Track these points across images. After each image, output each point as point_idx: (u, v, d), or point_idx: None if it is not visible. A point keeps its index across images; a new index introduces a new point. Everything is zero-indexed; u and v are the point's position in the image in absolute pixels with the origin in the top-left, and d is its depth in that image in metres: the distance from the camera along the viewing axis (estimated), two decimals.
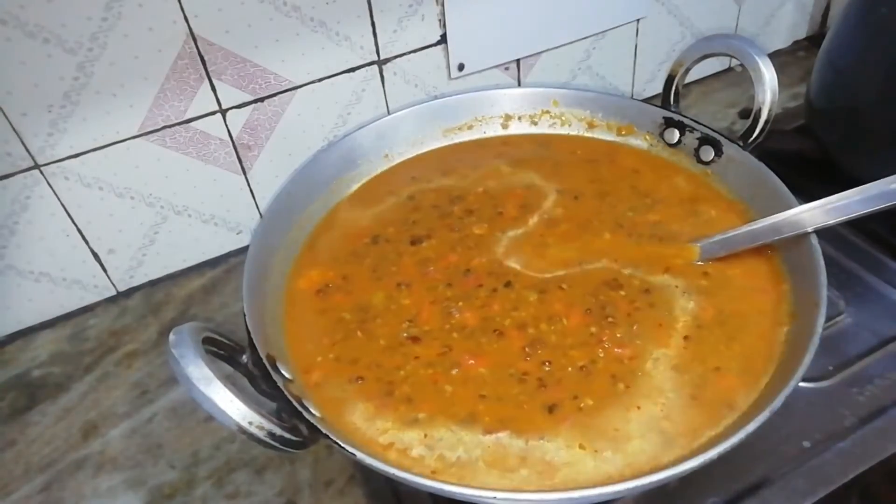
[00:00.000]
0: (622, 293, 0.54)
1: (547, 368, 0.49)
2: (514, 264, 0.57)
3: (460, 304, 0.54)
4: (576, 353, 0.50)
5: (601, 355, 0.50)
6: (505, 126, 0.71)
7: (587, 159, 0.67)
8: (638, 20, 0.79)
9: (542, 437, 0.46)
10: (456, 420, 0.47)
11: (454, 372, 0.50)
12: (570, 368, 0.49)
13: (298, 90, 0.66)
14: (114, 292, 0.69)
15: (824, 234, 0.51)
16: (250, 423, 0.39)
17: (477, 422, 0.47)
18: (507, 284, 0.56)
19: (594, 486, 0.41)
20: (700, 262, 0.56)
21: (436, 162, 0.68)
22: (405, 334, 0.53)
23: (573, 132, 0.70)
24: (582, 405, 0.47)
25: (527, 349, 0.51)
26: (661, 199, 0.62)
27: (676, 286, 0.54)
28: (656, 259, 0.57)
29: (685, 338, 0.51)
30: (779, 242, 0.54)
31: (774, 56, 0.87)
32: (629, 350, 0.50)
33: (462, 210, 0.63)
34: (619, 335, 0.51)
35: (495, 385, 0.49)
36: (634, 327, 0.52)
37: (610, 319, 0.52)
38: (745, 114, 0.81)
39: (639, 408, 0.47)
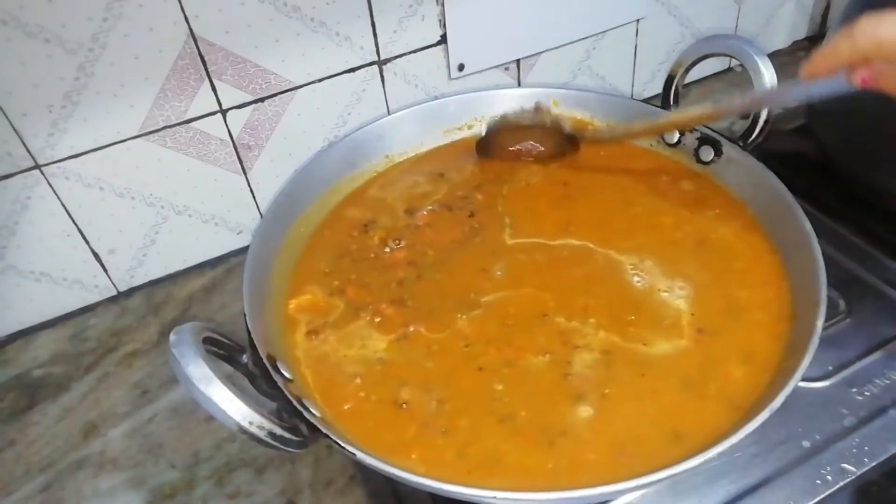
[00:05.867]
0: (618, 292, 0.54)
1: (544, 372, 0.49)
2: (512, 260, 0.57)
3: (448, 299, 0.54)
4: (578, 353, 0.50)
5: (601, 355, 0.50)
6: None
7: (587, 156, 0.67)
8: (638, 20, 0.79)
9: (541, 439, 0.46)
10: (452, 422, 0.47)
11: (449, 372, 0.50)
12: (569, 375, 0.49)
13: (299, 90, 0.66)
14: (114, 292, 0.69)
15: (824, 234, 0.51)
16: (250, 422, 0.39)
17: (471, 425, 0.47)
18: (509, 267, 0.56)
19: (594, 485, 0.40)
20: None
21: (436, 162, 0.68)
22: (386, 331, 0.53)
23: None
24: (583, 414, 0.47)
25: (523, 354, 0.50)
26: (661, 199, 0.62)
27: (677, 286, 0.54)
28: (659, 257, 0.57)
29: (685, 338, 0.51)
30: (779, 243, 0.54)
31: (774, 56, 0.87)
32: (629, 348, 0.50)
33: (461, 201, 0.63)
34: (620, 335, 0.51)
35: (481, 395, 0.49)
36: (632, 325, 0.52)
37: (609, 319, 0.52)
38: (744, 114, 0.81)
39: (640, 407, 0.47)
